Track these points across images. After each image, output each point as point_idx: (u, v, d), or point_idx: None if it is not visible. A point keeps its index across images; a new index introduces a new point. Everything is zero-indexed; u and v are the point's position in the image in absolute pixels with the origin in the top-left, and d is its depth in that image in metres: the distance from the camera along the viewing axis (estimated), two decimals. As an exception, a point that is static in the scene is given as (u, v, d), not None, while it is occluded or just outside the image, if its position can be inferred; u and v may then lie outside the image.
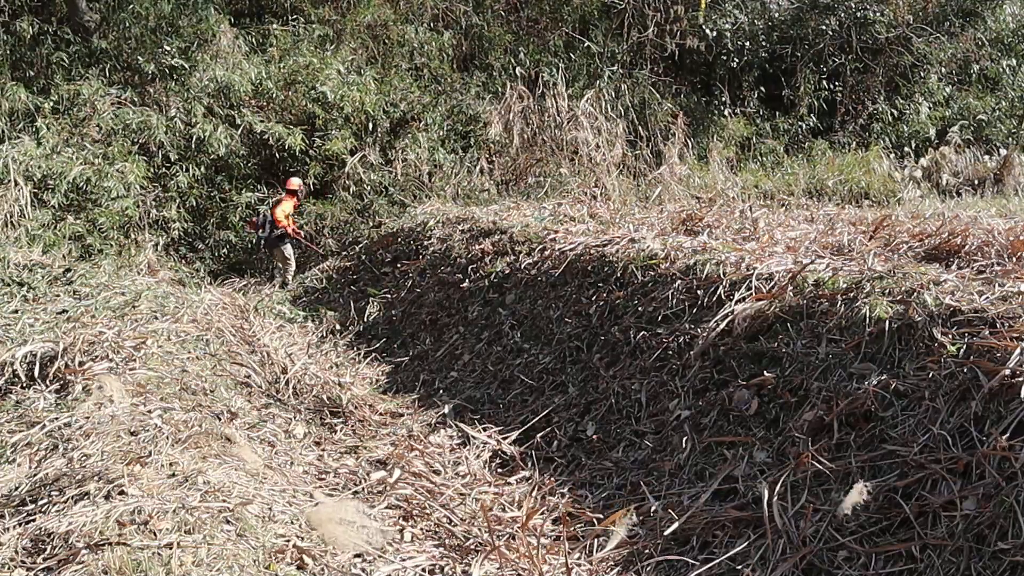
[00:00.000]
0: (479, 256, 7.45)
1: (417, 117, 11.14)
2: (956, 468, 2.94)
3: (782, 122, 13.07)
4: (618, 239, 6.19)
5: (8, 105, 9.56)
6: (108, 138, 9.79)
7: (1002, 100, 13.58)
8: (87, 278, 6.95)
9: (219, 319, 6.80)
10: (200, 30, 10.99)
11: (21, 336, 5.36)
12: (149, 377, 4.83)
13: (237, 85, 10.32)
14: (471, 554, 3.59)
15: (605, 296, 5.54)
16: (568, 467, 4.49)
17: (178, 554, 2.98)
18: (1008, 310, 3.38)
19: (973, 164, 12.31)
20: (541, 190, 10.54)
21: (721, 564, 3.22)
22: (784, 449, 3.64)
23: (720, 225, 6.91)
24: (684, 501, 3.72)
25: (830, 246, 5.56)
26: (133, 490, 3.32)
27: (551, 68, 11.96)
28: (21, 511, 3.31)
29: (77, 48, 10.57)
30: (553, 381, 5.39)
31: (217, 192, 10.14)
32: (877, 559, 2.90)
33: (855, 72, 13.44)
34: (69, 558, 2.93)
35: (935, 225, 6.14)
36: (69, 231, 8.53)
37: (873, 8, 13.16)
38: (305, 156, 10.27)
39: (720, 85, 13.16)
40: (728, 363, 4.28)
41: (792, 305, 4.22)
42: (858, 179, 11.43)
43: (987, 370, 3.10)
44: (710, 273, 4.96)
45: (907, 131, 13.16)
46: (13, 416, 4.34)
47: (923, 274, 4.02)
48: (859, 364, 3.65)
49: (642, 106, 12.17)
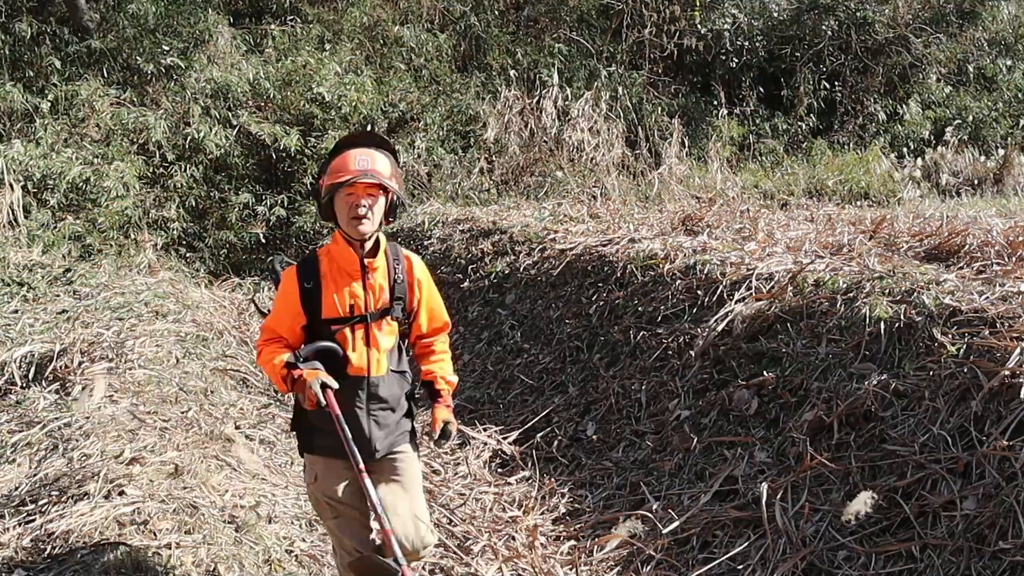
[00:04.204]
0: (479, 256, 7.45)
1: (416, 117, 11.14)
2: (956, 468, 2.94)
3: (781, 122, 13.06)
4: (618, 239, 6.19)
5: (7, 105, 9.55)
6: (107, 138, 9.78)
7: (999, 100, 13.60)
8: (87, 278, 6.95)
9: (219, 319, 6.81)
10: (198, 31, 10.99)
11: (21, 336, 5.36)
12: (149, 377, 4.83)
13: (235, 85, 10.32)
14: (471, 554, 3.59)
15: (605, 296, 5.54)
16: (568, 467, 4.49)
17: (178, 554, 2.98)
18: (1008, 310, 3.38)
19: (972, 164, 12.32)
20: (541, 190, 10.53)
21: (721, 564, 3.22)
22: (784, 449, 3.64)
23: (720, 225, 6.91)
24: (684, 501, 3.72)
25: (830, 246, 5.56)
26: (133, 490, 3.32)
27: (549, 68, 11.96)
28: (21, 511, 3.31)
29: (76, 48, 10.57)
30: (553, 381, 5.39)
31: (216, 192, 10.14)
32: (877, 559, 2.90)
33: (854, 72, 13.44)
34: (69, 558, 2.93)
35: (935, 225, 6.15)
36: (69, 231, 8.52)
37: (873, 8, 13.17)
38: (302, 156, 10.27)
39: (719, 85, 13.16)
40: (728, 363, 4.28)
41: (792, 305, 4.23)
42: (858, 179, 11.44)
43: (987, 370, 3.11)
44: (710, 273, 4.97)
45: (906, 131, 13.17)
46: (13, 416, 4.34)
47: (923, 274, 4.03)
48: (859, 364, 3.65)
49: (641, 106, 12.17)
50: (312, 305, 2.68)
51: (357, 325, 2.70)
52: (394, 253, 2.81)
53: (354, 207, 2.61)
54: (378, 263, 2.73)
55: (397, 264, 2.79)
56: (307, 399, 2.56)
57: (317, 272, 2.70)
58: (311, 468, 2.78)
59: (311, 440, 2.76)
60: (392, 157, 2.75)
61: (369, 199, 2.63)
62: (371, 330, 2.72)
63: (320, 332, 2.70)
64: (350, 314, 2.69)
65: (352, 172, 2.60)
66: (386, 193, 2.68)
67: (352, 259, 2.69)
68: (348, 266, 2.70)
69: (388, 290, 2.75)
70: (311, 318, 2.69)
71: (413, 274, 2.82)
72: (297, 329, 2.71)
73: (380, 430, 2.74)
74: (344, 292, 2.69)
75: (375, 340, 2.72)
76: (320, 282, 2.69)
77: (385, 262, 2.76)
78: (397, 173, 2.72)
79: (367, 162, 2.62)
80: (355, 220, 2.62)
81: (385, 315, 2.75)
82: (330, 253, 2.74)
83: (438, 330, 2.95)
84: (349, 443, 2.57)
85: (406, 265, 2.82)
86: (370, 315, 2.71)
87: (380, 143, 2.77)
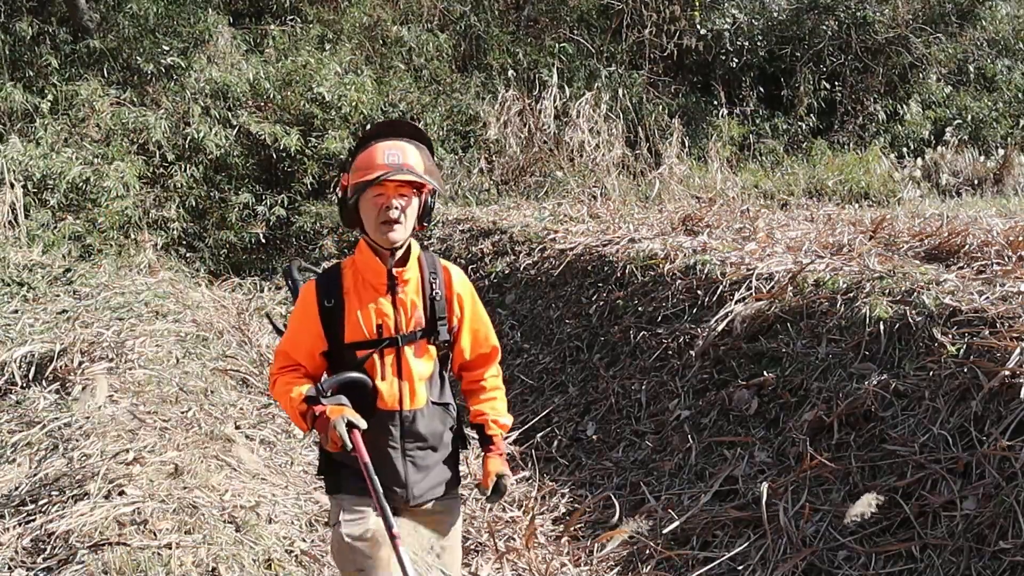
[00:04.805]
0: (479, 256, 7.46)
1: (416, 117, 11.14)
2: (956, 468, 2.94)
3: (781, 122, 13.06)
4: (618, 239, 6.19)
5: (6, 105, 9.56)
6: (107, 138, 9.79)
7: (999, 100, 13.61)
8: (87, 278, 6.95)
9: (219, 319, 6.80)
10: (198, 31, 11.00)
11: (21, 336, 5.36)
12: (149, 377, 4.84)
13: (235, 85, 10.33)
14: (471, 554, 3.59)
15: (605, 296, 5.54)
16: (568, 467, 4.50)
17: (178, 554, 2.98)
18: (1008, 310, 3.38)
19: (972, 164, 12.32)
20: (541, 190, 10.53)
21: (721, 564, 3.22)
22: (784, 449, 3.64)
23: (720, 225, 6.91)
24: (684, 501, 3.72)
25: (830, 246, 5.56)
26: (133, 490, 3.32)
27: (549, 68, 11.96)
28: (21, 511, 3.31)
29: (76, 48, 10.57)
30: (553, 381, 5.40)
31: (216, 192, 10.14)
32: (877, 559, 2.90)
33: (854, 72, 13.43)
34: (69, 558, 2.93)
35: (935, 225, 6.15)
36: (69, 231, 8.52)
37: (873, 8, 13.17)
38: (303, 156, 10.27)
39: (719, 85, 13.16)
40: (728, 363, 4.28)
41: (792, 305, 4.23)
42: (858, 179, 11.43)
43: (987, 370, 3.11)
44: (710, 273, 4.97)
45: (906, 131, 13.17)
46: (13, 416, 4.34)
47: (923, 274, 4.03)
48: (859, 364, 3.65)
49: (641, 106, 12.17)
50: (333, 327, 2.33)
51: (387, 349, 2.32)
52: (430, 264, 2.41)
53: (384, 210, 2.25)
54: (409, 274, 2.35)
55: (434, 277, 2.39)
56: (330, 440, 2.21)
57: (340, 288, 2.34)
58: (336, 508, 2.38)
59: (338, 481, 2.37)
60: (427, 149, 2.39)
61: (402, 200, 2.27)
62: (403, 355, 2.34)
63: (343, 358, 2.35)
64: (378, 336, 2.32)
65: (381, 168, 2.24)
66: (419, 192, 2.32)
67: (379, 270, 2.32)
68: (374, 279, 2.33)
69: (423, 307, 2.37)
70: (332, 342, 2.34)
71: (452, 288, 2.42)
72: (316, 355, 2.36)
73: (418, 472, 2.36)
74: (370, 310, 2.32)
75: (408, 368, 2.35)
76: (343, 300, 2.33)
77: (419, 273, 2.38)
78: (433, 168, 2.36)
79: (398, 156, 2.26)
80: (385, 225, 2.26)
81: (421, 337, 2.37)
82: (355, 265, 2.37)
83: (486, 358, 2.52)
84: (380, 499, 2.17)
85: (444, 278, 2.41)
86: (401, 337, 2.33)
87: (412, 133, 2.40)
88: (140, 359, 5.05)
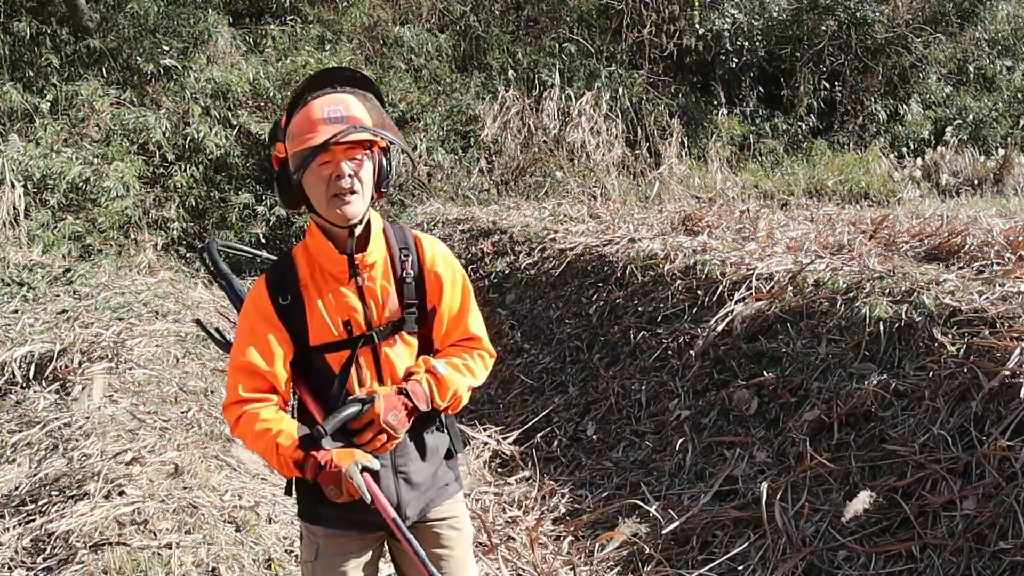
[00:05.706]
0: (479, 256, 7.46)
1: (416, 117, 11.14)
2: (956, 468, 2.94)
3: (781, 122, 13.07)
4: (618, 239, 6.19)
5: (6, 105, 9.56)
6: (107, 138, 9.80)
7: (999, 100, 13.62)
8: (87, 278, 6.95)
9: (219, 319, 6.80)
10: (198, 31, 11.00)
11: (21, 336, 5.36)
12: (149, 377, 4.84)
13: (235, 85, 10.34)
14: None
15: (605, 296, 5.54)
16: (568, 467, 4.49)
17: (178, 554, 2.98)
18: (1008, 310, 3.38)
19: (972, 164, 12.33)
20: (541, 190, 10.54)
21: (721, 564, 3.22)
22: (784, 449, 3.64)
23: (720, 225, 6.91)
24: (684, 501, 3.73)
25: (830, 246, 5.56)
26: (133, 490, 3.33)
27: (549, 68, 11.96)
28: (21, 511, 3.31)
29: (76, 48, 10.57)
30: (553, 381, 5.39)
31: (216, 192, 10.14)
32: (877, 559, 2.90)
33: (854, 72, 13.44)
34: (69, 558, 2.94)
35: (935, 225, 6.14)
36: (69, 231, 8.53)
37: (872, 8, 13.17)
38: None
39: (719, 85, 13.17)
40: (728, 363, 4.28)
41: (792, 305, 4.23)
42: (858, 179, 11.44)
43: (987, 370, 3.11)
44: (710, 273, 4.97)
45: (906, 131, 13.18)
46: (13, 416, 4.35)
47: (923, 274, 4.03)
48: (859, 364, 3.65)
49: (641, 106, 12.18)
50: (295, 328, 1.94)
51: (361, 349, 1.95)
52: (399, 239, 2.02)
53: (334, 180, 1.84)
54: (373, 257, 1.96)
55: (406, 254, 2.00)
56: (343, 492, 1.84)
57: (295, 281, 1.95)
58: (310, 540, 2.05)
59: (315, 508, 2.00)
60: (374, 96, 1.98)
61: (352, 163, 1.86)
62: (381, 354, 1.98)
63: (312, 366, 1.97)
64: (348, 335, 1.95)
65: (324, 128, 1.83)
66: (371, 151, 1.91)
67: (336, 258, 1.93)
68: (332, 267, 1.94)
69: (396, 293, 1.99)
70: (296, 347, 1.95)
71: (426, 266, 2.02)
72: (285, 368, 1.94)
73: (412, 490, 2.01)
74: (333, 304, 1.94)
75: (391, 369, 1.99)
76: (301, 295, 1.94)
77: (386, 252, 1.99)
78: (386, 119, 1.94)
79: (340, 110, 1.85)
80: (337, 199, 1.85)
81: (398, 330, 2.00)
82: (308, 251, 1.97)
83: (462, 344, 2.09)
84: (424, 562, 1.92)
85: (418, 254, 2.02)
86: (376, 332, 1.97)
87: (350, 79, 1.97)
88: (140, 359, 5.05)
